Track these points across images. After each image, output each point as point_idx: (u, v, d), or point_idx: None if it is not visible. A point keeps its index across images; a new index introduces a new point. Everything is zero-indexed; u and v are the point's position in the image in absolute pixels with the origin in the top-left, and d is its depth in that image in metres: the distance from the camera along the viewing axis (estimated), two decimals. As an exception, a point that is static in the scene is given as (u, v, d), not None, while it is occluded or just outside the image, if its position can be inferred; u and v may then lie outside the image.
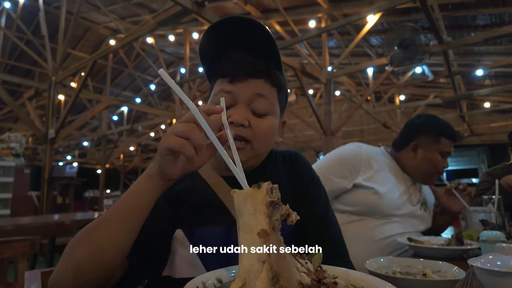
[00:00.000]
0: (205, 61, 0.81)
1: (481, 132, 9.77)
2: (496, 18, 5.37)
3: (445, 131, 1.52)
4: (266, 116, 0.75)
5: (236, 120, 0.70)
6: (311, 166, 0.93)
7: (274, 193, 0.47)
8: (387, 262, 0.91)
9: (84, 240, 0.60)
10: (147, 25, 3.89)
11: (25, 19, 6.73)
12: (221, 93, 0.73)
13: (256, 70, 0.74)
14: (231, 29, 0.74)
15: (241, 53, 0.75)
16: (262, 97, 0.74)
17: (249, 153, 0.74)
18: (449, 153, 1.52)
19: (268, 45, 0.75)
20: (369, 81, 7.41)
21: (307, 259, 0.54)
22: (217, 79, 0.77)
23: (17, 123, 10.16)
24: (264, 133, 0.75)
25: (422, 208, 1.57)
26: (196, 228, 0.74)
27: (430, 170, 1.53)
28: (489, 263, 0.66)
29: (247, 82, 0.73)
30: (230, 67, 0.74)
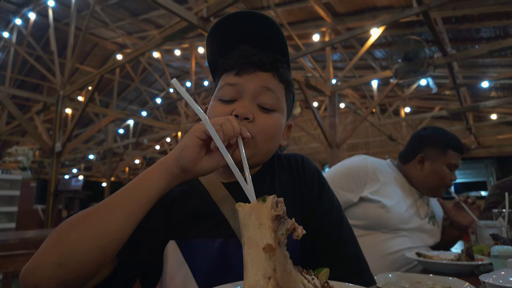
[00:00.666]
0: (210, 58, 0.79)
1: (489, 144, 9.67)
2: (500, 30, 5.40)
3: (451, 144, 1.50)
4: (273, 112, 0.71)
5: (241, 113, 0.66)
6: (320, 172, 0.85)
7: (280, 206, 0.46)
8: (396, 277, 0.88)
9: (78, 224, 0.52)
10: (154, 40, 3.98)
11: (35, 35, 6.92)
12: (226, 86, 0.70)
13: (263, 62, 0.70)
14: (237, 23, 0.72)
15: (248, 46, 0.73)
16: (270, 90, 0.70)
17: (251, 148, 0.67)
18: (456, 165, 1.50)
19: (276, 39, 0.73)
20: (373, 93, 7.43)
21: (314, 275, 0.52)
22: (221, 73, 0.74)
23: (25, 137, 10.31)
24: (269, 129, 0.69)
25: (431, 222, 1.53)
26: (191, 240, 0.69)
27: (437, 183, 1.50)
28: (501, 279, 0.64)
29: (254, 74, 0.70)
30: (236, 59, 0.71)
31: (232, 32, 0.73)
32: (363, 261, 0.76)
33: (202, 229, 0.70)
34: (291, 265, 0.47)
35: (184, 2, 4.31)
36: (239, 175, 0.53)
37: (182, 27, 3.42)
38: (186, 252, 0.69)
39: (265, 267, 0.43)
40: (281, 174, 0.81)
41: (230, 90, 0.70)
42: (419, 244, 1.44)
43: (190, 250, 0.69)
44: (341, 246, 0.75)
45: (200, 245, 0.69)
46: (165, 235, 0.70)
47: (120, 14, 7.05)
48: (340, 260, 0.73)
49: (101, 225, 0.51)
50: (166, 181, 0.56)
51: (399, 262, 1.37)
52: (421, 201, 1.55)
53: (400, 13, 4.00)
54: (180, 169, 0.56)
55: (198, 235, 0.69)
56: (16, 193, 4.86)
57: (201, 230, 0.70)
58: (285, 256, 0.45)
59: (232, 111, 0.67)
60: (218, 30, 0.73)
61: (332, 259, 0.73)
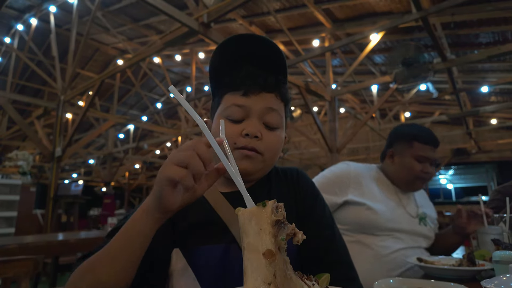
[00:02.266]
0: (214, 77, 0.83)
1: (489, 149, 9.67)
2: (498, 36, 5.43)
3: (417, 136, 1.51)
4: (276, 129, 0.77)
5: (251, 132, 0.72)
6: (314, 184, 0.92)
7: (280, 211, 0.46)
8: (397, 283, 0.88)
9: (85, 274, 0.60)
10: (155, 45, 4.00)
11: (36, 40, 6.96)
12: (234, 106, 0.75)
13: (268, 84, 0.76)
14: (241, 45, 0.77)
15: (253, 67, 0.77)
16: (274, 111, 0.76)
17: (259, 164, 0.75)
18: (427, 157, 1.49)
19: (278, 61, 0.79)
20: (373, 98, 7.45)
21: (314, 281, 0.52)
22: (225, 93, 0.78)
23: (25, 141, 10.32)
24: (275, 146, 0.76)
25: (422, 223, 1.54)
26: (195, 248, 0.72)
27: (408, 176, 1.51)
28: (503, 284, 0.63)
29: (260, 95, 0.75)
30: (243, 80, 0.76)
31: (238, 53, 0.78)
32: (354, 270, 0.81)
33: (204, 236, 0.73)
34: (291, 270, 0.47)
35: (185, 8, 4.35)
36: (238, 181, 0.52)
37: (183, 33, 3.44)
38: (190, 259, 0.71)
39: (265, 272, 0.42)
40: (278, 186, 0.86)
41: (238, 111, 0.74)
42: (413, 245, 1.44)
43: (194, 256, 0.71)
44: (333, 254, 0.80)
45: (203, 252, 0.71)
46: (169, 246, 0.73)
47: (121, 20, 7.10)
48: (332, 266, 0.77)
49: (106, 275, 0.58)
50: (152, 227, 0.58)
51: (394, 263, 1.37)
52: (407, 200, 1.56)
53: (400, 19, 4.03)
54: (163, 213, 0.58)
55: (201, 242, 0.72)
56: (16, 198, 4.84)
57: (203, 238, 0.73)
58: (285, 261, 0.45)
59: (242, 131, 0.73)
60: (224, 50, 0.78)
61: (325, 265, 0.77)
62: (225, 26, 6.73)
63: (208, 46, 7.58)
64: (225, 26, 6.71)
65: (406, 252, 1.36)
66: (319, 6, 5.51)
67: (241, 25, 6.48)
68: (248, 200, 0.50)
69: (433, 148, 1.51)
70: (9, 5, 6.48)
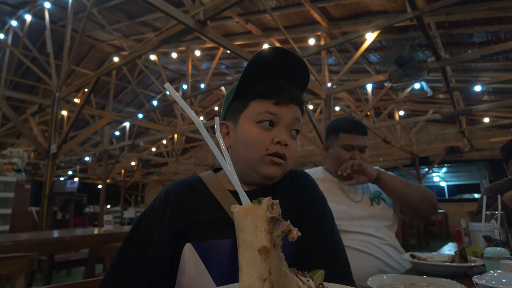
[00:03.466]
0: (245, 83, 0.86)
1: (482, 147, 9.77)
2: (492, 35, 5.47)
3: (341, 127, 1.59)
4: (296, 138, 0.85)
5: (283, 140, 0.78)
6: (316, 185, 0.96)
7: (275, 209, 0.47)
8: (390, 279, 0.89)
9: None
10: (150, 43, 3.97)
11: (31, 37, 6.88)
12: (267, 113, 0.80)
13: (296, 97, 0.83)
14: (278, 58, 0.82)
15: (285, 80, 0.83)
16: (299, 121, 0.84)
17: (283, 169, 0.82)
18: (352, 146, 1.55)
19: (306, 78, 0.87)
20: (368, 97, 7.48)
21: (309, 277, 0.53)
22: (255, 99, 0.82)
23: (20, 138, 10.22)
24: (296, 153, 0.84)
25: (374, 202, 1.57)
26: (205, 242, 0.76)
27: (338, 165, 1.58)
28: (494, 280, 0.65)
29: (289, 106, 0.82)
30: (276, 91, 0.81)
31: (274, 65, 0.83)
32: (348, 266, 0.84)
33: (214, 231, 0.77)
34: (286, 267, 0.48)
35: (181, 5, 4.32)
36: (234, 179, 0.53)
37: (179, 30, 3.42)
38: (201, 253, 0.75)
39: (260, 269, 0.43)
40: (283, 186, 0.90)
41: (270, 117, 0.80)
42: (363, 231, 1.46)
43: (205, 250, 0.75)
44: (331, 249, 0.83)
45: (214, 246, 0.75)
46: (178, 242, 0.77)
47: (117, 17, 7.04)
48: (329, 262, 0.80)
49: None
50: None
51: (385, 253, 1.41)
52: (351, 189, 1.60)
53: (395, 18, 4.05)
54: None
55: (211, 236, 0.76)
56: (10, 195, 4.80)
57: (213, 232, 0.77)
58: (280, 258, 0.46)
59: (273, 138, 0.79)
60: (261, 60, 0.82)
61: (320, 260, 0.80)
62: (221, 24, 6.71)
63: (204, 44, 7.55)
64: (221, 24, 6.69)
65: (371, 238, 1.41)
66: (315, 5, 5.51)
67: (237, 23, 6.47)
68: (243, 197, 0.51)
69: (358, 135, 1.57)
70: (3, 0, 6.40)
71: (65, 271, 4.84)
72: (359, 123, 1.61)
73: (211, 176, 0.88)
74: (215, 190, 0.83)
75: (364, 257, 1.41)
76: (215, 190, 0.83)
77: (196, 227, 0.77)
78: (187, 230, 0.77)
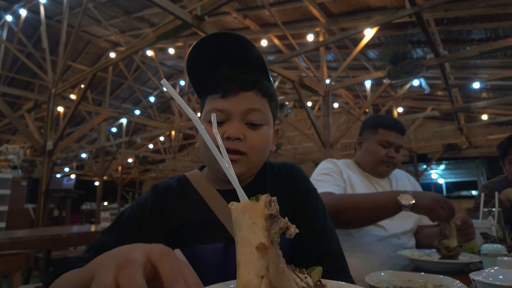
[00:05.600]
0: (193, 77, 0.82)
1: (480, 144, 9.81)
2: (490, 32, 5.48)
3: (381, 123, 1.59)
4: (261, 126, 0.77)
5: (232, 134, 0.72)
6: (308, 178, 0.92)
7: (273, 205, 0.46)
8: (388, 276, 0.89)
9: None
10: (147, 38, 3.94)
11: (26, 32, 6.82)
12: (214, 111, 0.74)
13: (246, 83, 0.75)
14: (215, 45, 0.76)
15: (230, 67, 0.77)
16: (255, 110, 0.75)
17: (245, 165, 0.75)
18: (390, 142, 1.56)
19: (255, 58, 0.78)
20: (367, 93, 7.48)
21: (307, 274, 0.53)
22: (207, 95, 0.78)
23: (16, 135, 10.15)
24: (260, 144, 0.76)
25: None
26: (194, 247, 0.73)
27: (374, 161, 1.59)
28: (491, 277, 0.65)
29: (239, 96, 0.74)
30: (220, 82, 0.75)
31: (213, 53, 0.77)
32: (344, 262, 0.83)
33: (203, 235, 0.74)
34: (284, 263, 0.47)
35: (178, 0, 4.28)
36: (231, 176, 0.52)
37: (176, 26, 3.40)
38: (191, 259, 0.72)
39: (258, 266, 0.43)
40: (273, 181, 0.86)
41: (219, 115, 0.74)
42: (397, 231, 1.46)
43: (195, 256, 0.72)
44: (325, 245, 0.82)
45: (203, 251, 0.73)
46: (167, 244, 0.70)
47: (113, 12, 6.98)
48: (324, 258, 0.79)
49: None
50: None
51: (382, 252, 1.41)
52: (381, 184, 1.62)
53: (394, 14, 4.04)
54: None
55: (201, 241, 0.73)
56: (6, 192, 4.78)
57: (202, 237, 0.74)
58: (278, 255, 0.45)
59: (223, 134, 0.72)
60: (199, 52, 0.76)
61: (317, 256, 0.79)
62: (219, 19, 6.67)
63: (202, 40, 7.51)
64: (219, 19, 6.65)
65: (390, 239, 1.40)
66: (313, 1, 5.48)
67: (235, 19, 6.43)
68: (241, 194, 0.50)
69: (397, 134, 1.57)
70: (-2, -5, 6.33)
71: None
72: (400, 122, 1.62)
73: (198, 175, 0.85)
74: (202, 190, 0.80)
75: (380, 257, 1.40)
76: (203, 191, 0.80)
77: (184, 231, 0.74)
78: (175, 234, 0.74)
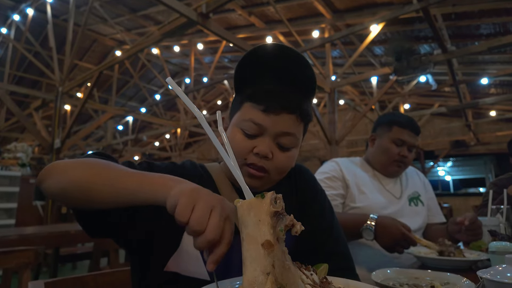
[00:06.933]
0: (237, 83, 0.80)
1: (488, 141, 9.68)
2: (499, 27, 5.38)
3: (396, 121, 1.56)
4: (290, 149, 0.76)
5: (262, 152, 0.71)
6: (315, 179, 0.94)
7: (278, 203, 0.46)
8: (394, 273, 0.89)
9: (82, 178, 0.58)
10: (153, 36, 3.96)
11: (33, 31, 6.88)
12: (250, 122, 0.73)
13: (290, 104, 0.73)
14: (270, 56, 0.75)
15: (278, 83, 0.74)
16: (290, 135, 0.74)
17: (265, 182, 0.76)
18: (404, 141, 1.53)
19: (307, 82, 0.77)
20: (373, 90, 7.42)
21: (312, 271, 0.53)
22: (247, 101, 0.75)
23: (24, 133, 10.28)
24: (284, 166, 0.76)
25: (413, 202, 1.57)
26: None
27: (386, 159, 1.56)
28: (499, 275, 0.64)
29: (280, 116, 0.72)
30: (265, 96, 0.73)
31: (265, 64, 0.75)
32: (351, 260, 0.84)
33: None
34: (289, 261, 0.47)
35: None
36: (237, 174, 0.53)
37: (181, 23, 3.41)
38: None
39: (264, 263, 0.43)
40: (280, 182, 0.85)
41: (254, 127, 0.73)
42: None
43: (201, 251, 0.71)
44: (332, 244, 0.83)
45: None
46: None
47: (119, 10, 7.01)
48: (331, 256, 0.79)
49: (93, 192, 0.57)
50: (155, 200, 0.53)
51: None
52: (390, 184, 1.60)
53: (400, 10, 4.00)
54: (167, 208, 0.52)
55: None
56: (16, 190, 4.85)
57: None
58: (283, 252, 0.46)
59: (253, 148, 0.72)
60: (252, 58, 0.75)
61: (324, 255, 0.80)
62: (224, 17, 6.66)
63: (207, 37, 7.50)
64: (224, 16, 6.63)
65: None
66: (319, -3, 5.44)
67: (240, 16, 6.41)
68: (246, 191, 0.51)
69: (411, 133, 1.54)
70: (5, -6, 6.39)
71: (70, 265, 4.90)
72: (415, 121, 1.59)
73: (217, 168, 0.85)
74: (220, 184, 0.80)
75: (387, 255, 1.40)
76: (219, 184, 0.80)
77: None
78: None
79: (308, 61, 0.76)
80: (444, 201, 8.11)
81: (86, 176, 0.58)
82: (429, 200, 1.67)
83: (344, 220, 1.23)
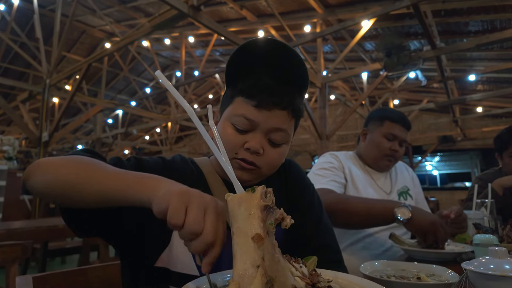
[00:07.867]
0: (229, 78, 0.79)
1: (474, 136, 9.88)
2: (487, 24, 5.46)
3: (388, 115, 1.58)
4: (281, 145, 0.76)
5: (253, 147, 0.71)
6: (305, 174, 0.95)
7: (268, 197, 0.47)
8: (382, 265, 0.91)
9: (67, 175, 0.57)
10: (143, 28, 3.89)
11: (19, 21, 6.69)
12: (242, 118, 0.72)
13: (282, 100, 0.73)
14: (263, 52, 0.74)
15: (270, 79, 0.74)
16: (281, 131, 0.75)
17: (255, 176, 0.76)
18: (395, 136, 1.55)
19: (300, 78, 0.77)
20: (363, 85, 7.47)
21: (302, 263, 0.53)
22: (239, 95, 0.75)
23: (10, 126, 10.06)
24: (275, 162, 0.77)
25: (402, 197, 1.60)
26: None
27: (375, 152, 1.58)
28: (482, 266, 0.66)
29: (272, 112, 0.73)
30: (257, 92, 0.72)
31: (257, 60, 0.75)
32: (339, 253, 0.85)
33: None
34: (279, 254, 0.48)
35: (174, -10, 4.22)
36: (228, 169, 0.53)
37: (172, 16, 3.36)
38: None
39: (253, 256, 0.43)
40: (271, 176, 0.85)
41: (246, 123, 0.73)
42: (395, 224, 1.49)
43: None
44: (321, 237, 0.84)
45: None
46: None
47: (108, 1, 6.86)
48: (319, 249, 0.81)
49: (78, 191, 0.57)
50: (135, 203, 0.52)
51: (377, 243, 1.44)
52: (381, 179, 1.62)
53: (391, 5, 4.01)
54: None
55: None
56: (2, 183, 4.75)
57: None
58: (273, 245, 0.46)
59: (244, 143, 0.72)
60: (244, 53, 0.75)
61: (313, 248, 0.81)
62: (215, 9, 6.59)
63: (198, 30, 7.42)
64: (215, 9, 6.56)
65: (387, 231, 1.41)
66: (311, -9, 5.42)
67: (232, 9, 6.35)
68: (237, 186, 0.51)
69: (403, 128, 1.56)
70: (-11, -17, 6.18)
71: (59, 259, 4.85)
72: (406, 117, 1.61)
73: (206, 163, 0.85)
74: (211, 179, 0.80)
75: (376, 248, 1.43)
76: (209, 179, 0.80)
77: None
78: None
79: (301, 57, 0.76)
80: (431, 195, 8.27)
81: (73, 175, 0.57)
82: (417, 194, 1.71)
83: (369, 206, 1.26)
